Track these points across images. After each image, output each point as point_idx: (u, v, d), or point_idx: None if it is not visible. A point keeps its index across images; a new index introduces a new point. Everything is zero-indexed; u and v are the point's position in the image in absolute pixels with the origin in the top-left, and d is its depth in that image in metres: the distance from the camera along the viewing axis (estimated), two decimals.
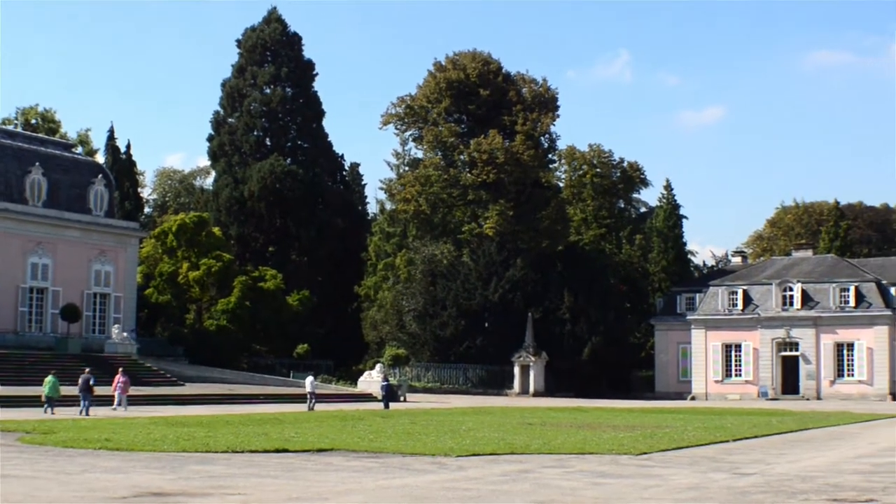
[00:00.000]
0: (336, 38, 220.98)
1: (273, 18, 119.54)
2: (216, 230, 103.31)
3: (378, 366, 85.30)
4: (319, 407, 62.27)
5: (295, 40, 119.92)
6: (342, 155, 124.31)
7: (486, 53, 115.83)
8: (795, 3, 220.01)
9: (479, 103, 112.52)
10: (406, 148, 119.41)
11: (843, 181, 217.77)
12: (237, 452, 30.38)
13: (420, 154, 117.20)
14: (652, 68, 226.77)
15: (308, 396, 63.49)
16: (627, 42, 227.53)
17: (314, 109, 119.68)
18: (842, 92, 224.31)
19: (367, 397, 77.39)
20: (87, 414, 49.09)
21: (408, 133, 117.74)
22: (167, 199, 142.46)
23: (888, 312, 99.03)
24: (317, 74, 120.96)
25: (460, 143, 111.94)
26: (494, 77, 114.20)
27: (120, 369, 57.10)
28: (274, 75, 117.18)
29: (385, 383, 70.84)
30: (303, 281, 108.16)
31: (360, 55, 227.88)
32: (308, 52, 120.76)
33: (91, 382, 51.84)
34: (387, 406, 65.36)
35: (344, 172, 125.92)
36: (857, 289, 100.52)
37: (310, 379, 65.73)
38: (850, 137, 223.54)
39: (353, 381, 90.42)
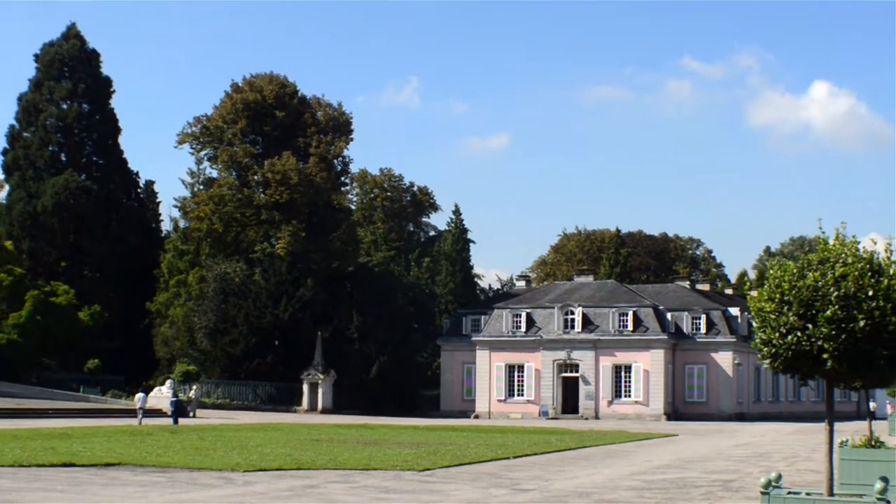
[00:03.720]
0: (135, 56, 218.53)
1: (72, 34, 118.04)
2: (8, 244, 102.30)
3: (168, 382, 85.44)
4: (108, 422, 62.73)
5: (93, 57, 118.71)
6: (137, 172, 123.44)
7: (283, 76, 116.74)
8: (578, 38, 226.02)
9: (274, 125, 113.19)
10: (201, 167, 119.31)
11: (623, 210, 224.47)
12: (23, 466, 30.67)
13: (215, 173, 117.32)
14: (440, 95, 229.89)
15: (138, 412, 66.55)
16: (416, 69, 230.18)
17: (110, 126, 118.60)
18: (621, 125, 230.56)
19: (157, 413, 77.24)
20: None
21: (203, 152, 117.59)
22: None
23: (664, 337, 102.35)
24: (114, 91, 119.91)
25: (255, 163, 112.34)
26: (290, 100, 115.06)
27: None
28: (71, 91, 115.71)
29: (174, 399, 71.32)
30: (95, 296, 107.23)
31: (158, 74, 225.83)
32: (106, 70, 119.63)
33: None
34: (176, 422, 66.01)
35: (139, 190, 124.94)
36: (635, 314, 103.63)
37: (140, 395, 69.55)
38: (630, 169, 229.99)
39: None
